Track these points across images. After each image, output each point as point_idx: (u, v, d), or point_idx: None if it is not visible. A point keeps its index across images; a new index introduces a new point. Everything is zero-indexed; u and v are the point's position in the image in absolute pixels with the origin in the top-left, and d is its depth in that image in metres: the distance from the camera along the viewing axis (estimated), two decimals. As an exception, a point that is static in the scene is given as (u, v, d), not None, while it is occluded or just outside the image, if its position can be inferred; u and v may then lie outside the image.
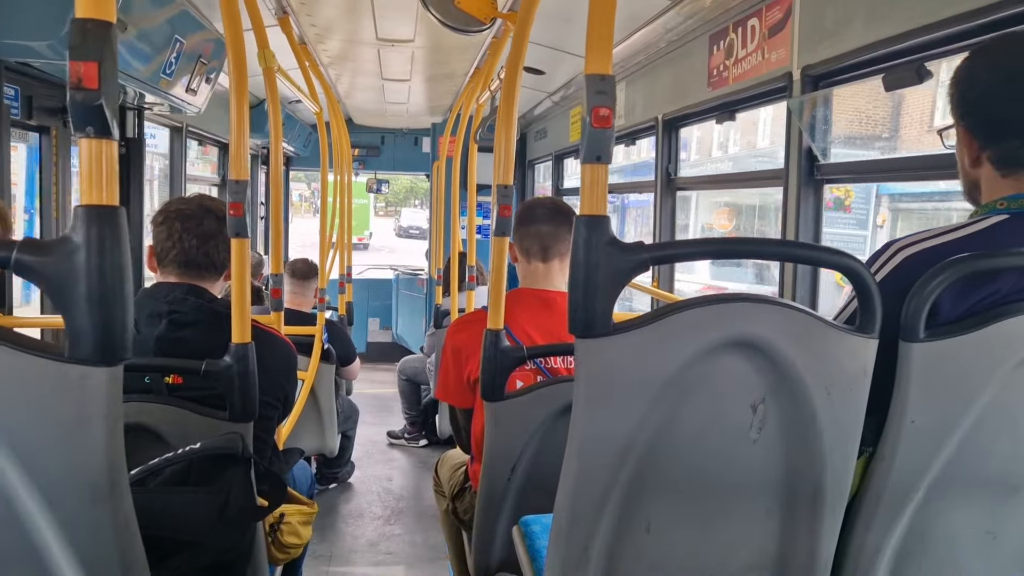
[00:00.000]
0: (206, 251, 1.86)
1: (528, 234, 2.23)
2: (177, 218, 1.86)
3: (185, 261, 1.85)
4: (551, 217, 2.24)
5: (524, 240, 2.24)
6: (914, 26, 1.92)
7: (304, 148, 7.92)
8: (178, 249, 1.84)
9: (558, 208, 2.28)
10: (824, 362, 1.17)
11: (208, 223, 1.86)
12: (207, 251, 1.86)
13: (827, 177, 2.49)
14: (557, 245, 2.23)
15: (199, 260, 1.86)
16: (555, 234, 2.23)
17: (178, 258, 1.85)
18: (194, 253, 1.85)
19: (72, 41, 0.85)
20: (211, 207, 1.90)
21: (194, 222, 1.86)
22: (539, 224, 2.23)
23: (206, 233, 1.86)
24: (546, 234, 2.22)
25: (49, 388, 0.89)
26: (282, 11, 3.33)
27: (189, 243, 1.84)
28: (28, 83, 2.88)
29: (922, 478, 1.23)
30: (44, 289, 0.88)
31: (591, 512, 1.20)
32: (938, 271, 1.15)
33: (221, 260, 1.89)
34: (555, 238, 2.23)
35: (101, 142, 0.89)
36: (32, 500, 0.91)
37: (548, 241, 2.22)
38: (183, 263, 1.85)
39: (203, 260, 1.86)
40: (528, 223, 2.24)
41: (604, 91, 1.07)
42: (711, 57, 3.16)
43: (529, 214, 2.27)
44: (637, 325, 1.12)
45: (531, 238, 2.23)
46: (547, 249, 2.23)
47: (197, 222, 1.86)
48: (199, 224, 1.86)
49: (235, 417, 1.64)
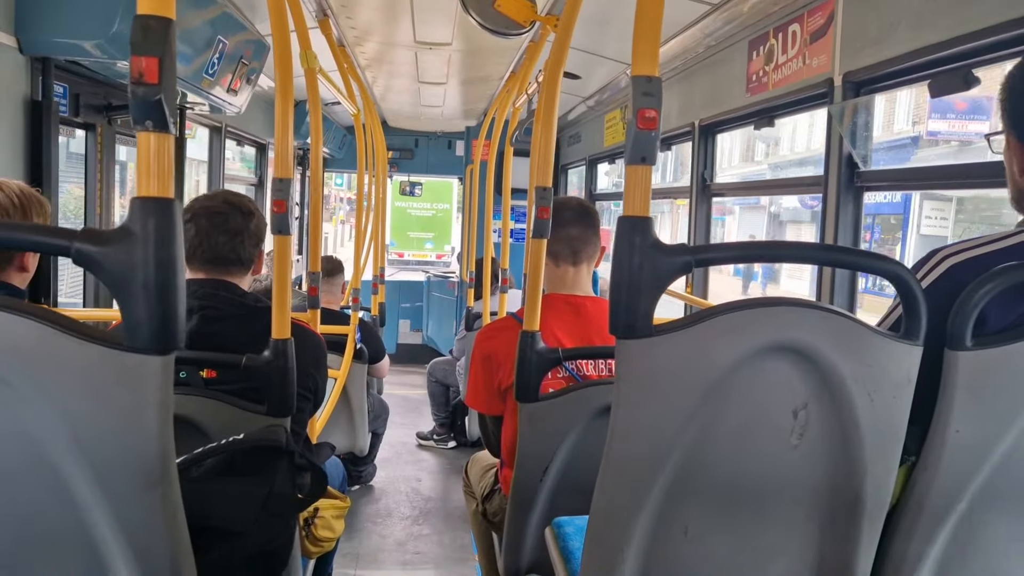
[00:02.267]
0: (233, 246, 1.88)
1: (558, 238, 2.17)
2: (204, 215, 1.88)
3: (213, 257, 1.87)
4: (580, 219, 2.20)
5: (553, 244, 2.17)
6: (961, 32, 1.89)
7: (339, 150, 8.00)
8: (206, 246, 1.87)
9: (585, 210, 2.25)
10: (868, 369, 1.16)
11: (234, 219, 1.88)
12: (234, 246, 1.88)
13: (867, 184, 2.46)
14: (586, 248, 2.21)
15: (227, 256, 1.88)
16: (584, 237, 2.20)
17: (206, 254, 1.87)
18: (221, 249, 1.87)
19: (134, 37, 0.88)
20: (236, 203, 1.92)
21: (220, 218, 1.88)
22: (569, 227, 2.19)
23: (232, 229, 1.87)
24: (576, 237, 2.19)
25: (108, 375, 0.91)
26: (323, 13, 3.37)
27: (216, 239, 1.87)
28: (76, 81, 2.94)
29: (965, 488, 1.21)
30: (103, 279, 0.90)
31: (628, 514, 1.20)
32: (986, 279, 1.14)
33: (248, 255, 1.91)
34: (584, 241, 2.20)
35: (159, 136, 0.91)
36: (87, 484, 0.94)
37: (578, 245, 2.19)
38: (211, 259, 1.88)
39: (231, 256, 1.88)
40: (558, 226, 2.18)
41: (651, 93, 1.08)
42: (750, 62, 3.14)
43: (557, 216, 2.19)
44: (679, 327, 1.12)
45: (561, 242, 2.19)
46: (577, 253, 2.20)
47: (224, 218, 1.88)
48: (225, 220, 1.88)
49: (273, 411, 1.66)
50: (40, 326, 0.90)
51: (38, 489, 0.95)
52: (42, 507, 0.96)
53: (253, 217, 1.92)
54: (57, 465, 0.93)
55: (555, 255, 2.21)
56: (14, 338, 0.90)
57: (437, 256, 12.91)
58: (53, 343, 0.90)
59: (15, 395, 0.91)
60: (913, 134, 10.35)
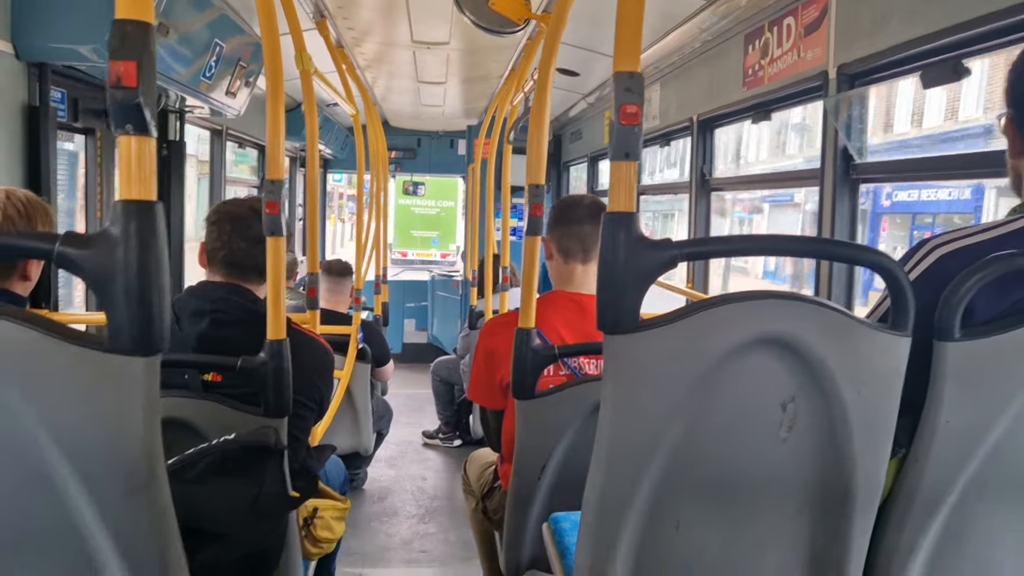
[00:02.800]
0: (252, 254, 1.89)
1: (569, 233, 2.17)
2: (228, 219, 1.90)
3: (231, 262, 1.89)
4: (593, 216, 2.18)
5: (564, 239, 2.18)
6: (952, 23, 1.89)
7: (341, 151, 8.01)
8: (226, 250, 1.88)
9: (599, 207, 2.21)
10: (856, 360, 1.16)
11: (256, 227, 1.88)
12: (253, 254, 1.89)
13: (863, 176, 2.45)
14: (597, 246, 2.20)
15: (245, 262, 1.89)
16: (596, 235, 2.18)
17: (225, 259, 1.89)
18: (240, 255, 1.88)
19: (112, 42, 0.88)
20: (260, 211, 1.93)
21: (243, 224, 1.89)
22: (582, 224, 2.17)
23: (254, 236, 1.88)
24: (588, 235, 2.16)
25: (90, 377, 0.92)
26: (319, 14, 3.38)
27: (236, 245, 1.88)
28: (74, 86, 2.95)
29: (957, 479, 1.21)
30: (86, 281, 0.91)
31: (619, 509, 1.20)
32: (975, 269, 1.14)
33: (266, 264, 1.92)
34: (596, 239, 2.18)
35: (140, 139, 0.92)
36: (73, 485, 0.95)
37: (589, 243, 2.17)
38: (229, 264, 1.89)
39: (249, 262, 1.89)
40: (569, 222, 2.18)
41: (632, 88, 1.08)
42: (746, 56, 3.14)
43: (570, 213, 2.20)
44: (665, 321, 1.12)
45: (572, 238, 2.18)
46: (588, 251, 2.17)
47: (246, 225, 1.89)
48: (248, 227, 1.89)
49: (269, 412, 1.67)
50: (23, 329, 0.90)
51: (24, 490, 0.96)
52: (29, 508, 0.97)
53: None
54: (42, 467, 0.94)
55: (565, 251, 2.20)
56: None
57: (442, 255, 12.24)
58: (35, 345, 0.91)
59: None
60: (986, 122, 9.47)
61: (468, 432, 5.77)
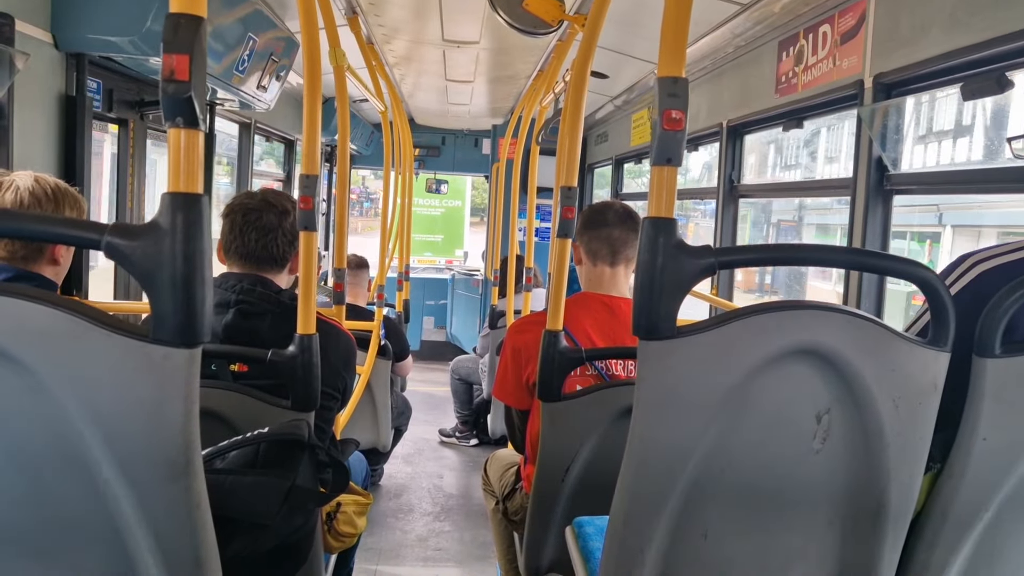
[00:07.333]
0: (265, 244, 1.91)
1: (598, 237, 2.23)
2: (240, 212, 1.92)
3: (245, 253, 1.91)
4: (622, 221, 2.23)
5: (593, 243, 2.24)
6: (996, 34, 1.86)
7: (367, 147, 8.04)
8: (239, 242, 1.90)
9: (629, 213, 2.27)
10: (893, 374, 1.15)
11: (268, 217, 1.91)
12: (266, 244, 1.91)
13: (897, 188, 2.43)
14: (625, 250, 2.23)
15: (258, 253, 1.91)
16: (625, 239, 2.22)
17: (239, 250, 1.91)
18: (253, 246, 1.90)
19: (166, 35, 0.89)
20: (273, 202, 1.95)
21: (255, 215, 1.91)
22: (611, 228, 2.22)
23: (265, 227, 1.90)
24: (616, 238, 2.22)
25: (133, 367, 0.93)
26: (352, 11, 3.39)
27: (249, 236, 1.90)
28: (110, 77, 2.98)
29: (992, 497, 1.20)
30: (131, 272, 0.92)
31: (648, 515, 1.19)
32: (1016, 286, 1.12)
33: (280, 253, 1.94)
34: (624, 243, 2.22)
35: (189, 132, 0.92)
36: (111, 472, 0.96)
37: (618, 245, 2.22)
38: (244, 255, 1.91)
39: (262, 253, 1.91)
40: (599, 226, 2.23)
41: (676, 94, 1.07)
42: (779, 63, 3.11)
43: (600, 217, 2.26)
44: (702, 329, 1.11)
45: (601, 241, 2.23)
46: (616, 253, 2.22)
47: (257, 216, 1.91)
48: (259, 218, 1.91)
49: (297, 406, 1.68)
50: (68, 316, 0.91)
51: (63, 475, 0.97)
52: (67, 493, 0.98)
53: (289, 216, 1.94)
54: (82, 453, 0.95)
55: (594, 254, 2.25)
56: (41, 327, 0.92)
57: (447, 262, 11.34)
58: (80, 333, 0.92)
59: (42, 383, 0.93)
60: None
61: (486, 432, 5.77)
